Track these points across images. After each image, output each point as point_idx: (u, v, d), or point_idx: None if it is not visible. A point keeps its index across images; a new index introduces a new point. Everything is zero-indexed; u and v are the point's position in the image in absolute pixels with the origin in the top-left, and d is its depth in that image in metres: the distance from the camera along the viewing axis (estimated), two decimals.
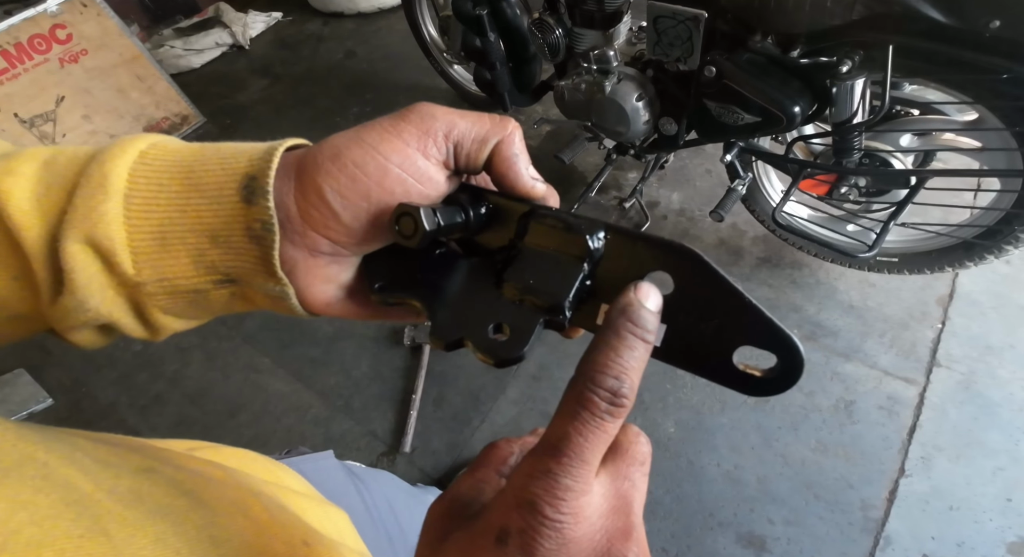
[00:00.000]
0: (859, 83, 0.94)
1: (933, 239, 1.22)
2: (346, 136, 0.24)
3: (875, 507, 1.13)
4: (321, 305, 0.27)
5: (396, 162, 0.23)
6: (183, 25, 2.76)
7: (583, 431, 0.20)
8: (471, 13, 1.29)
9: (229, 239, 0.23)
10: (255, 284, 0.25)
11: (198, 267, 0.24)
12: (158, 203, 0.23)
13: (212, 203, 0.23)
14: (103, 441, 0.27)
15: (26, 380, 1.57)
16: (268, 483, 0.38)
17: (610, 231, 0.24)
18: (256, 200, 0.23)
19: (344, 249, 0.25)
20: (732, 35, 1.01)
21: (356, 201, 0.23)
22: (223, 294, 0.25)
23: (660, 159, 1.56)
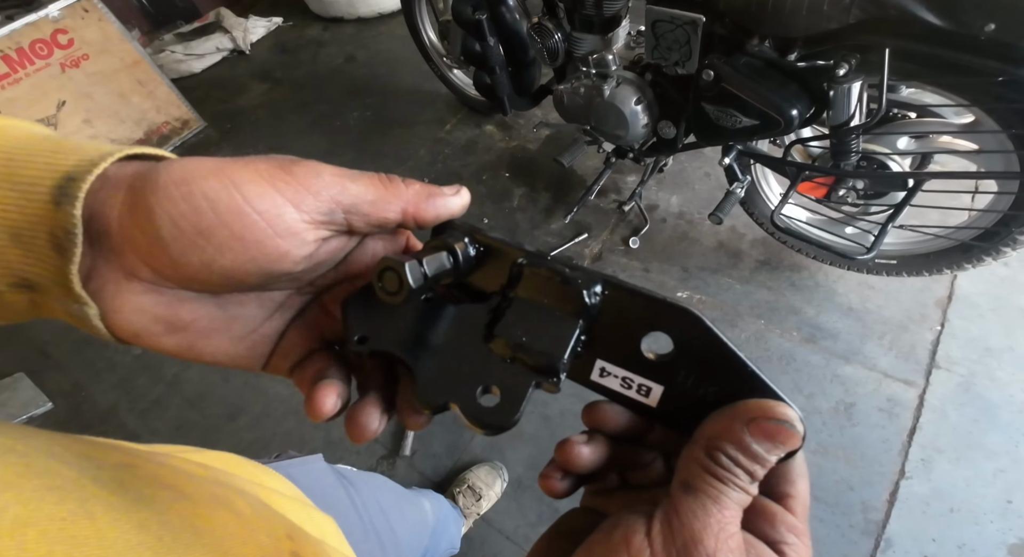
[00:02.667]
0: (856, 86, 0.95)
1: (931, 241, 1.22)
2: (204, 164, 0.21)
3: (876, 509, 1.13)
4: (128, 334, 0.23)
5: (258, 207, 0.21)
6: (184, 30, 2.77)
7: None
8: (471, 18, 1.30)
9: (32, 242, 0.21)
10: (53, 295, 0.22)
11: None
12: None
13: (20, 198, 0.20)
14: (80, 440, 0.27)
15: (26, 384, 1.57)
16: (251, 483, 0.37)
17: (608, 286, 0.23)
18: (65, 204, 0.20)
19: (166, 281, 0.23)
20: (730, 39, 1.01)
21: (192, 236, 0.21)
22: (20, 299, 0.22)
23: (659, 162, 1.56)
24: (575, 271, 0.23)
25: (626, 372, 0.23)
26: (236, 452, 0.45)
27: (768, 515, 0.21)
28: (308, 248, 0.23)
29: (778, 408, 0.20)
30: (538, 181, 1.79)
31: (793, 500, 0.21)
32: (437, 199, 0.24)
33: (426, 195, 0.24)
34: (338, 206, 0.22)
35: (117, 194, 0.21)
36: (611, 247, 1.63)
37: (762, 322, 1.42)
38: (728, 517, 0.19)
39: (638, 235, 1.63)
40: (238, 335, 0.26)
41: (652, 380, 0.22)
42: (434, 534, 0.90)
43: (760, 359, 1.36)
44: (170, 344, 0.24)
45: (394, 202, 0.23)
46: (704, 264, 1.55)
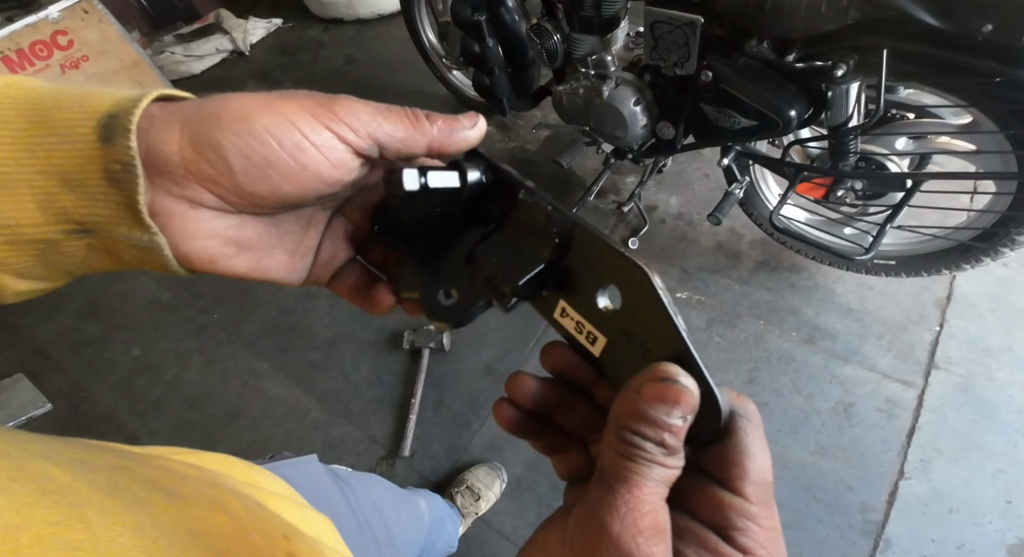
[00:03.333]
0: (854, 87, 0.95)
1: (930, 242, 1.22)
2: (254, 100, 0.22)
3: (875, 510, 1.13)
4: (204, 261, 0.24)
5: (314, 141, 0.22)
6: (184, 31, 2.78)
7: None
8: (470, 19, 1.30)
9: (85, 182, 0.21)
10: (118, 234, 0.22)
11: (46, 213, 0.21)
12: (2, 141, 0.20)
13: (64, 142, 0.20)
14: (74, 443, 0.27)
15: (25, 385, 1.57)
16: (246, 484, 0.37)
17: (579, 229, 0.23)
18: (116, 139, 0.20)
19: (231, 207, 0.24)
20: (728, 40, 1.01)
21: (261, 168, 0.22)
22: (78, 246, 0.22)
23: (658, 163, 1.57)
24: (557, 212, 0.24)
25: (580, 317, 0.24)
26: (236, 453, 0.45)
27: (714, 500, 0.19)
28: (354, 175, 0.25)
29: (664, 367, 0.19)
30: (537, 182, 1.77)
31: (742, 482, 0.19)
32: (458, 133, 0.26)
33: (448, 130, 0.26)
34: (374, 142, 0.24)
35: (170, 130, 0.21)
36: None
37: (761, 323, 1.42)
38: (639, 496, 0.18)
39: (637, 236, 1.63)
40: (290, 248, 0.28)
41: (599, 330, 0.23)
42: (430, 533, 0.90)
43: (759, 359, 1.36)
44: (242, 264, 0.26)
45: (421, 139, 0.25)
46: (703, 265, 1.55)
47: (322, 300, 1.65)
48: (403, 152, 0.25)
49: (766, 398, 1.30)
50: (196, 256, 0.24)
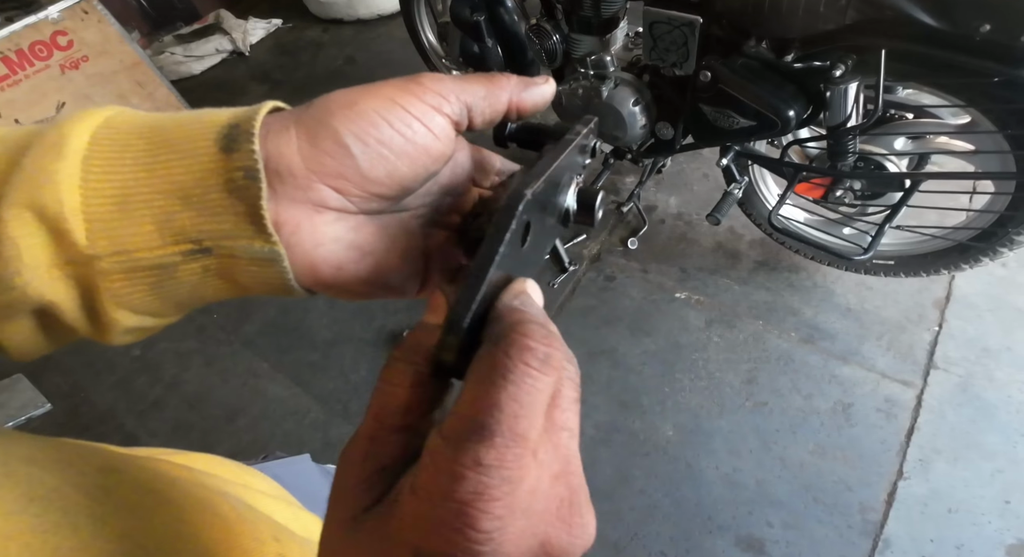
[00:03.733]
0: (852, 87, 0.95)
1: (928, 242, 1.23)
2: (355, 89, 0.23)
3: (874, 510, 1.13)
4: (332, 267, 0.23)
5: (417, 115, 0.23)
6: (184, 32, 2.78)
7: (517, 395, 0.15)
8: (469, 19, 1.31)
9: (204, 197, 0.20)
10: (237, 249, 0.21)
11: (164, 235, 0.20)
12: (123, 163, 0.20)
13: (184, 157, 0.20)
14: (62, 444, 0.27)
15: (24, 385, 1.57)
16: (236, 484, 0.37)
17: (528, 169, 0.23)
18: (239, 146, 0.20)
19: (351, 204, 0.23)
20: (727, 40, 1.02)
21: (376, 147, 0.22)
22: (194, 270, 0.22)
23: (657, 163, 1.57)
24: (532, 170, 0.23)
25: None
26: (235, 453, 0.45)
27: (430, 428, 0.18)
28: (451, 147, 0.25)
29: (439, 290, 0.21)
30: None
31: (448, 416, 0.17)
32: (533, 88, 0.26)
33: (524, 86, 0.26)
34: (464, 106, 0.24)
35: (287, 132, 0.21)
36: (610, 248, 1.64)
37: (760, 323, 1.42)
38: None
39: (636, 236, 1.63)
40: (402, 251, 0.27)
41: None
42: None
43: (758, 360, 1.36)
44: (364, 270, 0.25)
45: (502, 94, 0.25)
46: (702, 265, 1.56)
47: (321, 300, 1.65)
48: (487, 112, 0.25)
49: (765, 398, 1.30)
50: (323, 262, 0.23)
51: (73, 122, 0.21)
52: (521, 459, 0.15)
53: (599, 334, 1.46)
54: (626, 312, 1.49)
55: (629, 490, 1.21)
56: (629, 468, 1.24)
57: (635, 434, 1.28)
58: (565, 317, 1.50)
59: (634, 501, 1.20)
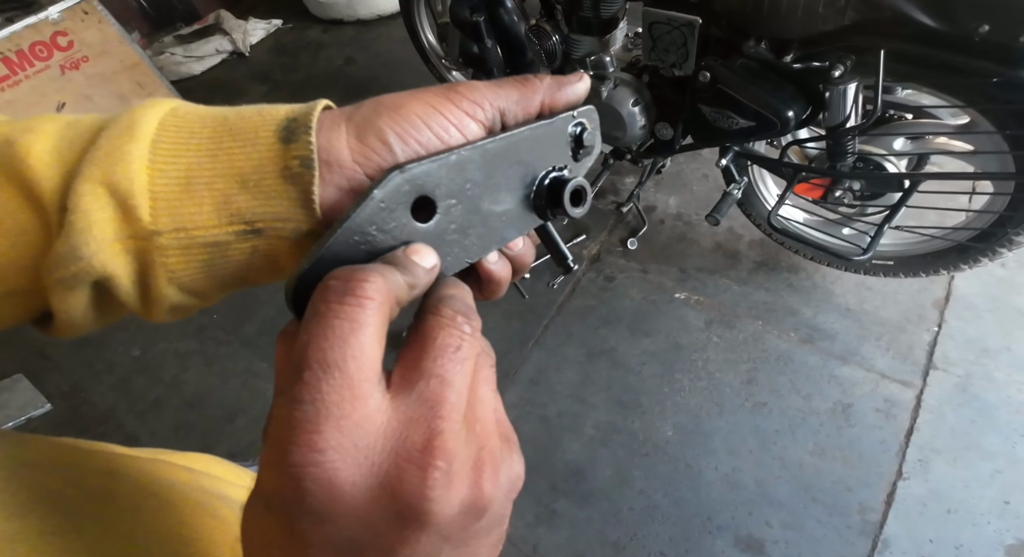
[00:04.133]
0: (852, 87, 0.95)
1: (927, 242, 1.23)
2: (402, 95, 0.25)
3: (873, 510, 1.13)
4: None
5: (454, 122, 0.24)
6: (184, 32, 2.78)
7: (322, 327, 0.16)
8: (469, 20, 1.31)
9: (261, 182, 0.22)
10: (286, 231, 0.23)
11: (221, 215, 0.22)
12: (188, 147, 0.22)
13: (246, 146, 0.22)
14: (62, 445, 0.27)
15: (25, 386, 1.57)
16: (235, 486, 0.38)
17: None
18: (297, 137, 0.22)
19: None
20: (726, 41, 1.02)
21: (415, 147, 0.24)
22: (244, 250, 0.23)
23: (657, 164, 1.57)
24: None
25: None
26: (234, 453, 0.45)
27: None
28: None
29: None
30: None
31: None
32: (567, 87, 0.27)
33: (557, 86, 0.27)
34: (497, 111, 0.26)
35: (339, 127, 0.23)
36: (609, 248, 1.64)
37: (760, 323, 1.42)
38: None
39: (636, 236, 1.63)
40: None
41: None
42: None
43: (758, 360, 1.36)
44: None
45: (534, 96, 0.27)
46: (702, 265, 1.56)
47: None
48: (520, 115, 0.26)
49: (764, 398, 1.30)
50: None
51: (144, 108, 0.23)
52: (342, 390, 0.16)
53: (599, 334, 1.46)
54: (626, 312, 1.49)
55: (628, 490, 1.21)
56: (628, 468, 1.24)
57: (634, 434, 1.29)
58: (564, 317, 1.51)
59: (633, 501, 1.20)
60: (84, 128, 0.22)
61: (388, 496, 0.16)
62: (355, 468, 0.16)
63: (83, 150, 0.21)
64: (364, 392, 0.16)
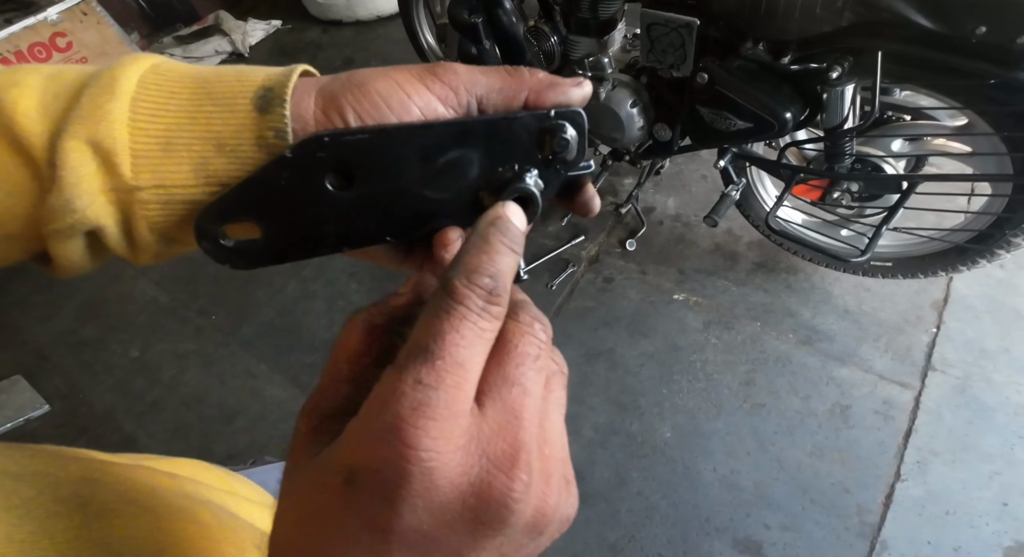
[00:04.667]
0: (849, 89, 0.95)
1: (926, 244, 1.23)
2: (372, 70, 0.25)
3: (871, 512, 1.13)
4: None
5: (417, 103, 0.24)
6: (183, 33, 2.78)
7: (462, 328, 0.17)
8: (467, 21, 1.31)
9: (237, 148, 0.23)
10: None
11: (198, 175, 0.23)
12: (167, 109, 0.23)
13: (224, 111, 0.23)
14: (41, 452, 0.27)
15: (23, 386, 1.57)
16: (220, 491, 0.37)
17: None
18: (272, 108, 0.23)
19: None
20: (724, 42, 1.02)
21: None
22: None
23: (655, 165, 1.57)
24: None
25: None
26: (232, 454, 0.45)
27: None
28: None
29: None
30: None
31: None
32: (558, 88, 0.25)
33: (548, 83, 0.25)
34: (473, 98, 0.25)
35: (308, 97, 0.24)
36: (608, 249, 1.64)
37: (758, 324, 1.42)
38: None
39: (635, 237, 1.63)
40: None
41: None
42: None
43: (756, 361, 1.36)
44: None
45: (520, 89, 0.25)
46: (700, 266, 1.56)
47: (320, 301, 1.65)
48: (501, 104, 0.25)
49: (763, 400, 1.30)
50: None
51: (124, 65, 0.23)
52: (460, 387, 0.16)
53: (597, 335, 1.46)
54: (624, 313, 1.49)
55: (626, 492, 1.21)
56: (627, 470, 1.24)
57: (633, 436, 1.28)
58: (563, 318, 1.51)
59: (632, 503, 1.20)
60: (68, 82, 0.23)
61: (475, 498, 0.16)
62: (454, 466, 0.16)
63: (67, 106, 0.22)
64: (470, 395, 0.17)
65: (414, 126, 0.23)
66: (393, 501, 0.16)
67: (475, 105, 0.25)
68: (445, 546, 0.17)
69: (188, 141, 0.22)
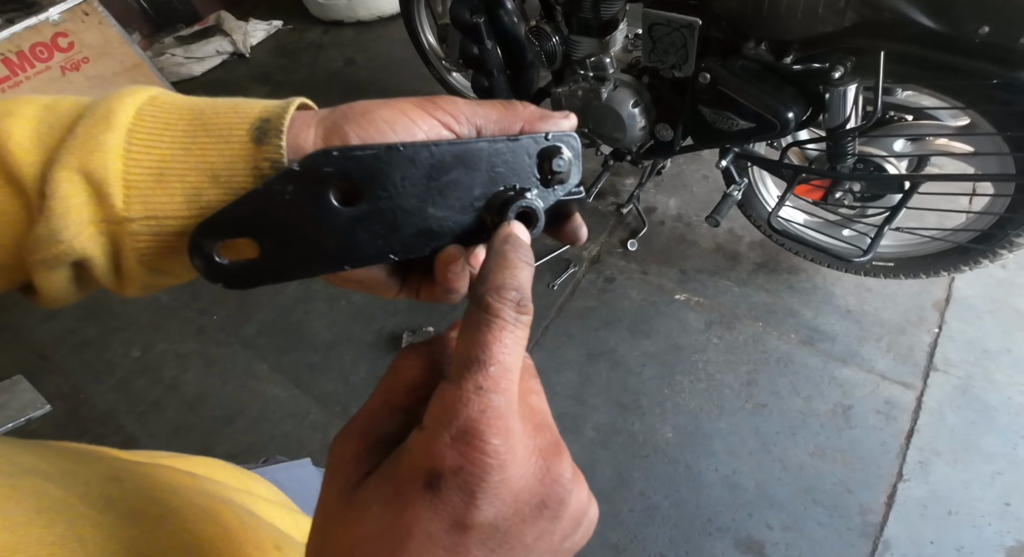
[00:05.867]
0: (851, 89, 0.95)
1: (928, 243, 1.23)
2: (374, 101, 0.25)
3: (873, 512, 1.13)
4: None
5: (423, 128, 0.24)
6: (184, 33, 2.78)
7: (503, 337, 0.19)
8: (469, 21, 1.31)
9: (231, 179, 0.23)
10: None
11: (191, 206, 0.23)
12: (162, 139, 0.23)
13: (219, 142, 0.23)
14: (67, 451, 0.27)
15: (24, 387, 1.57)
16: (238, 490, 0.37)
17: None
18: (268, 139, 0.22)
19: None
20: (726, 42, 1.02)
21: None
22: None
23: (657, 165, 1.57)
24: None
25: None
26: (234, 454, 0.45)
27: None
28: None
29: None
30: None
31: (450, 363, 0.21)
32: (549, 120, 0.27)
33: (540, 115, 0.27)
34: (474, 127, 0.26)
35: (308, 129, 0.24)
36: (609, 249, 1.64)
37: (760, 324, 1.42)
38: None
39: (636, 237, 1.63)
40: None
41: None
42: None
43: (758, 361, 1.36)
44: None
45: (515, 120, 0.26)
46: (702, 266, 1.56)
47: (321, 302, 1.65)
48: (498, 134, 0.27)
49: (765, 400, 1.30)
50: None
51: (121, 96, 0.23)
52: (511, 389, 0.18)
53: (599, 336, 1.46)
54: (626, 313, 1.49)
55: (628, 492, 1.21)
56: (628, 470, 1.24)
57: (635, 436, 1.28)
58: (564, 318, 1.50)
59: (633, 503, 1.19)
60: (63, 113, 0.23)
61: (539, 483, 0.19)
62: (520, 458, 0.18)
63: (62, 136, 0.22)
64: (517, 395, 0.19)
65: (421, 144, 0.23)
66: (475, 495, 0.17)
67: (475, 133, 0.26)
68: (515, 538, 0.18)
69: (182, 172, 0.22)
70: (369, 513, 0.18)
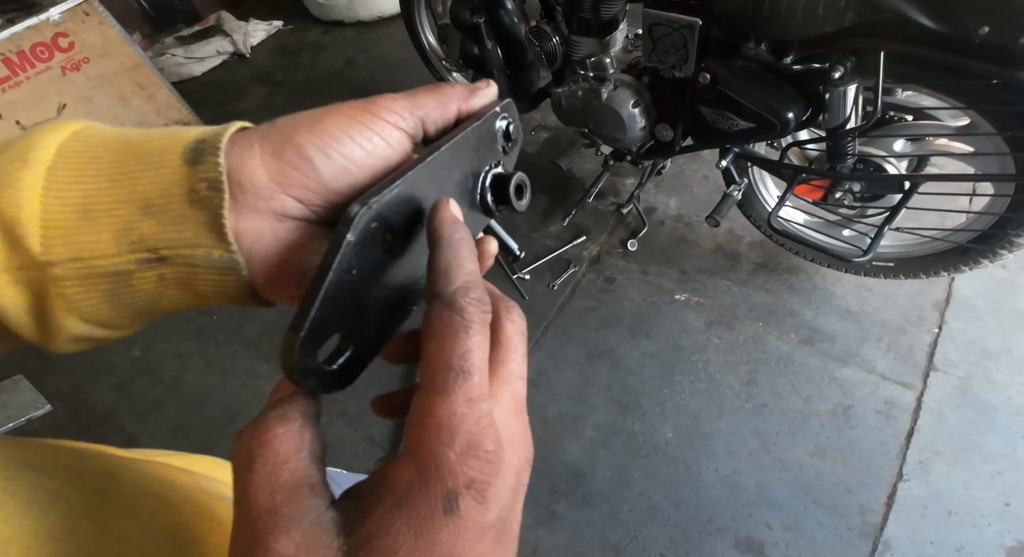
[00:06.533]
0: (852, 89, 0.96)
1: (928, 244, 1.23)
2: (318, 110, 0.24)
3: (873, 512, 1.13)
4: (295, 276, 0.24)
5: (377, 130, 0.24)
6: (184, 33, 2.78)
7: (479, 343, 0.19)
8: (469, 21, 1.31)
9: (166, 207, 0.21)
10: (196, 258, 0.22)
11: (120, 243, 0.21)
12: (87, 173, 0.21)
13: (150, 169, 0.21)
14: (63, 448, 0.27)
15: (24, 386, 1.57)
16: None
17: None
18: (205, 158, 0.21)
19: (312, 213, 0.24)
20: (726, 42, 1.02)
21: (340, 160, 0.23)
22: (149, 278, 0.22)
23: (657, 165, 1.57)
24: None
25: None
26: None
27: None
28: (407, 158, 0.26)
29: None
30: (536, 184, 1.79)
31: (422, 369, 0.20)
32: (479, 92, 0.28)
33: (469, 93, 0.28)
34: (418, 120, 0.26)
35: (251, 147, 0.22)
36: (609, 249, 1.64)
37: (760, 324, 1.42)
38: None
39: (636, 237, 1.63)
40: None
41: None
42: None
43: (758, 361, 1.36)
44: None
45: (450, 104, 0.27)
46: (702, 266, 1.56)
47: None
48: (439, 121, 0.27)
49: (765, 400, 1.30)
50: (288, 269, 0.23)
51: (43, 133, 0.21)
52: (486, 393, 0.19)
53: (599, 336, 1.46)
54: (626, 314, 1.49)
55: (629, 492, 1.21)
56: (629, 470, 1.24)
57: (635, 436, 1.28)
58: (565, 318, 1.51)
59: (633, 503, 1.19)
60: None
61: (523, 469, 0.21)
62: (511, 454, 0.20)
63: None
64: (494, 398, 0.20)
65: (425, 162, 0.23)
66: (486, 499, 0.18)
67: (420, 126, 0.26)
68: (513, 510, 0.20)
69: (110, 206, 0.20)
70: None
